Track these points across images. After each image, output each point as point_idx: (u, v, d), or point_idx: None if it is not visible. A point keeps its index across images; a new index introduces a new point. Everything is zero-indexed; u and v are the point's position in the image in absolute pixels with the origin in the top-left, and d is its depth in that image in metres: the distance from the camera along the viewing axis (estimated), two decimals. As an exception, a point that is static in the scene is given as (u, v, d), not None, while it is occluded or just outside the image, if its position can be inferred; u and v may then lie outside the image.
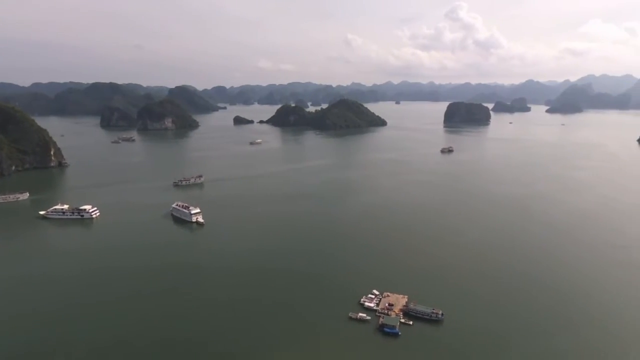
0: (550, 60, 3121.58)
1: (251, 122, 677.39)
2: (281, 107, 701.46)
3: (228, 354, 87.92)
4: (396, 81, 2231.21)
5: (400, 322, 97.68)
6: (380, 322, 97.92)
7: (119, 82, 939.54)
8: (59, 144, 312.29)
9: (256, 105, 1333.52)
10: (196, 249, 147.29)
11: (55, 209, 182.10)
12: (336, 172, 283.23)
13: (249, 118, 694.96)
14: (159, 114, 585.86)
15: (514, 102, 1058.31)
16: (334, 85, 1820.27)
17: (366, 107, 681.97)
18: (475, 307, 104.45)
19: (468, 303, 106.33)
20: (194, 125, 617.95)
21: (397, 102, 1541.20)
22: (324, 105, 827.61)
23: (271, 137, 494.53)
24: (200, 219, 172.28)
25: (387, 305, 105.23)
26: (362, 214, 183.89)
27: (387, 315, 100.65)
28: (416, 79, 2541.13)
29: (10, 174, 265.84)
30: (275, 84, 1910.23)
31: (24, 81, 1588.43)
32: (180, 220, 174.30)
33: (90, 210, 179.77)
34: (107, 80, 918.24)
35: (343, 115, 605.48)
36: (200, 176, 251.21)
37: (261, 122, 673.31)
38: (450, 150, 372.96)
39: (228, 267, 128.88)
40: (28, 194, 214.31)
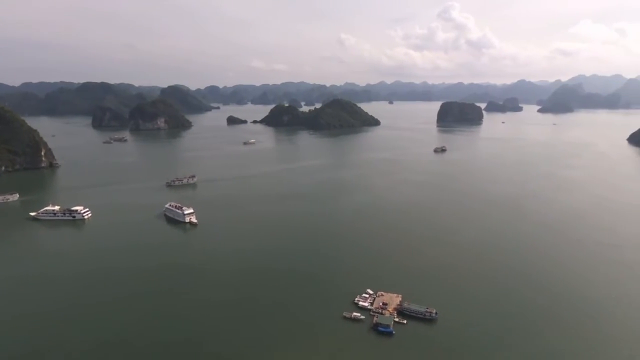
0: (542, 61, 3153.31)
1: (245, 122, 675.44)
2: (275, 107, 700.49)
3: (223, 354, 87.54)
4: (389, 81, 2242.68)
5: (394, 321, 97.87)
6: (374, 322, 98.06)
7: (110, 81, 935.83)
8: (50, 145, 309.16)
9: (250, 105, 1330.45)
10: (190, 249, 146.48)
11: (46, 210, 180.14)
12: (330, 171, 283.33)
13: (243, 118, 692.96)
14: (152, 114, 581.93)
15: (506, 101, 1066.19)
16: (328, 85, 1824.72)
17: (360, 107, 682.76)
18: (469, 306, 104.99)
19: (462, 302, 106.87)
20: (187, 125, 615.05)
21: (391, 102, 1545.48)
22: (318, 105, 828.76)
23: (265, 137, 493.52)
24: (194, 220, 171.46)
25: (381, 304, 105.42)
26: (356, 214, 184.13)
27: (381, 314, 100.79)
28: (409, 79, 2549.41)
29: (0, 175, 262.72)
30: (268, 84, 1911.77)
31: (13, 81, 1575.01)
32: (174, 221, 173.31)
33: (82, 211, 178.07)
34: (98, 80, 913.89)
35: (337, 115, 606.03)
36: (193, 176, 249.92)
37: (255, 122, 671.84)
38: (443, 150, 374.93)
39: (222, 268, 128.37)
40: (18, 195, 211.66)
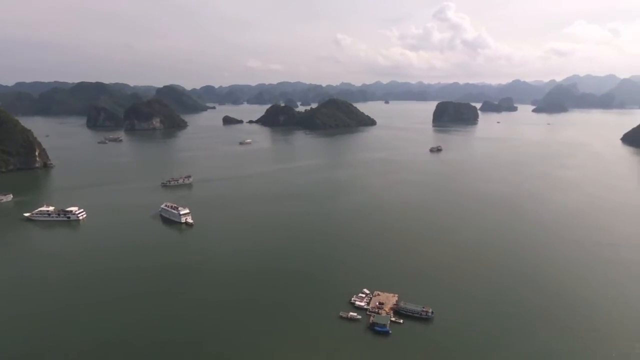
0: (536, 61, 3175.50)
1: (240, 122, 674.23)
2: (271, 107, 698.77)
3: (221, 354, 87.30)
4: (385, 81, 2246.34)
5: (391, 321, 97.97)
6: (370, 321, 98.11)
7: (105, 81, 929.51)
8: (44, 145, 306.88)
9: (245, 105, 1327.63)
10: (186, 249, 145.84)
11: (41, 210, 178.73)
12: (326, 171, 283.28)
13: (239, 118, 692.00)
14: (147, 113, 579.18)
15: (501, 101, 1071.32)
16: (324, 85, 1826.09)
17: (355, 107, 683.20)
18: (465, 305, 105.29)
19: (458, 301, 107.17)
20: (183, 125, 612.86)
21: (387, 102, 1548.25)
22: (314, 105, 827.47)
23: (261, 137, 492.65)
24: (190, 220, 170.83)
25: (377, 304, 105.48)
26: (353, 214, 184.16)
27: (378, 314, 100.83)
28: (405, 79, 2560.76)
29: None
30: (264, 84, 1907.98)
31: (7, 80, 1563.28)
32: (169, 221, 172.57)
33: (77, 212, 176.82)
34: (93, 80, 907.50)
35: (333, 115, 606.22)
36: (189, 176, 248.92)
37: (250, 122, 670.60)
38: (439, 150, 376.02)
39: (219, 268, 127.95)
40: (12, 196, 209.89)
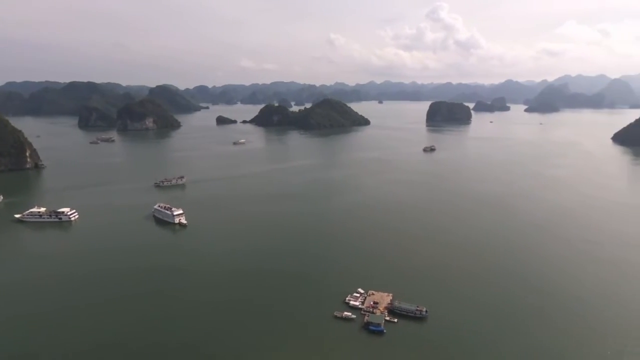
0: (528, 61, 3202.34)
1: (234, 122, 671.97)
2: (264, 107, 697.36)
3: (215, 355, 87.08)
4: (379, 81, 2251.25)
5: (385, 320, 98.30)
6: (365, 321, 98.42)
7: (97, 81, 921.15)
8: (35, 145, 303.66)
9: (239, 105, 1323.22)
10: (179, 250, 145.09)
11: (32, 212, 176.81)
12: (320, 171, 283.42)
13: (232, 118, 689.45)
14: (140, 113, 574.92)
15: (494, 101, 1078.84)
16: (318, 84, 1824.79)
17: (349, 107, 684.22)
18: (458, 304, 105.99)
19: (451, 300, 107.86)
20: (176, 125, 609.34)
21: (380, 102, 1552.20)
22: (308, 105, 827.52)
23: (255, 137, 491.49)
24: (183, 220, 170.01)
25: (372, 303, 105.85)
26: (347, 213, 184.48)
27: (372, 313, 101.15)
28: (399, 79, 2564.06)
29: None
30: (258, 84, 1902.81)
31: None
32: (163, 222, 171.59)
33: (69, 213, 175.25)
34: (84, 80, 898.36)
35: (327, 114, 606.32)
36: (182, 177, 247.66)
37: (244, 122, 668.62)
38: (432, 149, 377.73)
39: (213, 268, 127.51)
40: (2, 197, 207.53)
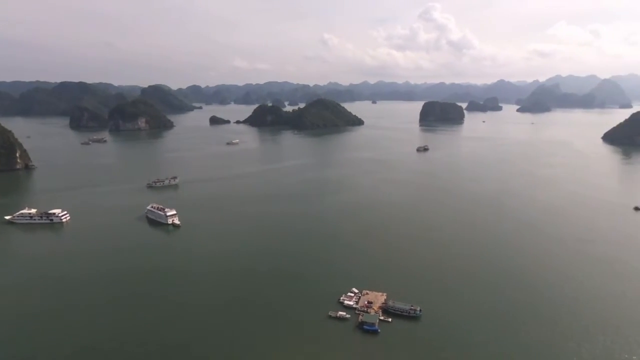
0: (520, 61, 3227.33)
1: (228, 122, 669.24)
2: (258, 107, 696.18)
3: (209, 356, 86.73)
4: (372, 81, 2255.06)
5: (380, 320, 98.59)
6: (359, 320, 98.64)
7: (88, 81, 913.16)
8: (25, 146, 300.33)
9: (232, 105, 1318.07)
10: (173, 251, 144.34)
11: (22, 213, 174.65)
12: (314, 171, 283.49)
13: (226, 118, 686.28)
14: (132, 114, 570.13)
15: (487, 101, 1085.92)
16: (311, 84, 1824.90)
17: (343, 107, 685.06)
18: (452, 302, 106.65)
19: (445, 299, 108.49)
20: (169, 125, 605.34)
21: (374, 102, 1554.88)
22: (301, 105, 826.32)
23: (248, 137, 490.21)
24: (176, 221, 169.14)
25: (366, 303, 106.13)
26: (341, 213, 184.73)
27: (367, 313, 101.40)
28: (392, 79, 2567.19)
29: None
30: (251, 84, 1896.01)
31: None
32: (156, 223, 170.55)
33: (60, 214, 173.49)
34: (76, 80, 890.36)
35: (320, 114, 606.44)
36: (175, 177, 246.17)
37: (238, 122, 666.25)
38: (425, 149, 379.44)
39: (206, 269, 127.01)
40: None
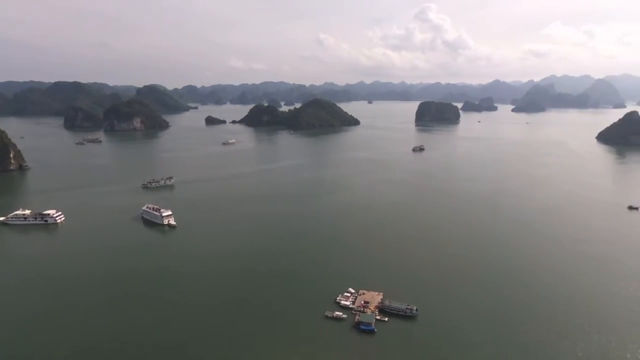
0: (515, 61, 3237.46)
1: (223, 122, 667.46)
2: (254, 107, 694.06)
3: (205, 356, 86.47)
4: (368, 81, 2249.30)
5: (376, 319, 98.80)
6: (356, 320, 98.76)
7: (83, 81, 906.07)
8: (19, 146, 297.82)
9: (228, 105, 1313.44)
10: (169, 251, 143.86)
11: (16, 214, 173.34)
12: (311, 171, 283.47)
13: (221, 118, 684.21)
14: (127, 114, 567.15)
15: (482, 101, 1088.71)
16: (307, 84, 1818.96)
17: (339, 107, 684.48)
18: (448, 302, 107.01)
19: (442, 298, 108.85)
20: (164, 125, 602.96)
21: (370, 102, 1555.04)
22: (297, 105, 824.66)
23: (244, 137, 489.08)
24: (172, 221, 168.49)
25: (362, 302, 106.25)
26: (337, 213, 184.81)
27: (363, 312, 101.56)
28: (388, 79, 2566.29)
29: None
30: (247, 84, 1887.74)
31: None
32: (151, 223, 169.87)
33: (55, 215, 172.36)
34: (70, 79, 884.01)
35: (316, 114, 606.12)
36: (171, 178, 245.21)
37: (234, 122, 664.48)
38: (421, 149, 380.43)
39: (202, 270, 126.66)
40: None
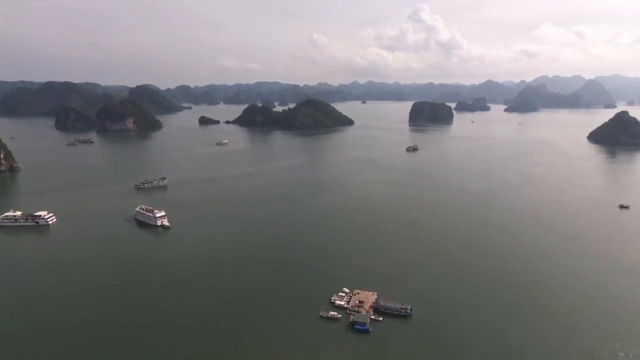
0: (507, 62, 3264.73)
1: (217, 122, 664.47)
2: (248, 107, 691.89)
3: (202, 355, 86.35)
4: (362, 81, 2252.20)
5: (371, 319, 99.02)
6: (351, 320, 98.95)
7: (74, 81, 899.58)
8: (10, 147, 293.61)
9: (222, 105, 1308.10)
10: (162, 253, 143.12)
11: (7, 215, 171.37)
12: (305, 171, 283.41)
13: (215, 118, 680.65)
14: (120, 114, 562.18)
15: (475, 101, 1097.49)
16: (301, 84, 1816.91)
17: (333, 107, 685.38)
18: (442, 301, 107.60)
19: (435, 297, 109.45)
20: (157, 126, 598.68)
21: (364, 102, 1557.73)
22: (291, 105, 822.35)
23: (238, 138, 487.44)
24: (166, 223, 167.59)
25: (357, 302, 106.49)
26: (331, 213, 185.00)
27: (358, 312, 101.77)
28: (382, 79, 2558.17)
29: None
30: (241, 84, 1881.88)
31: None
32: (144, 224, 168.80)
33: (46, 216, 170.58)
34: (61, 79, 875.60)
35: (311, 114, 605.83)
36: (164, 178, 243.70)
37: (227, 122, 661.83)
38: (415, 149, 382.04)
39: (196, 271, 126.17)
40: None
